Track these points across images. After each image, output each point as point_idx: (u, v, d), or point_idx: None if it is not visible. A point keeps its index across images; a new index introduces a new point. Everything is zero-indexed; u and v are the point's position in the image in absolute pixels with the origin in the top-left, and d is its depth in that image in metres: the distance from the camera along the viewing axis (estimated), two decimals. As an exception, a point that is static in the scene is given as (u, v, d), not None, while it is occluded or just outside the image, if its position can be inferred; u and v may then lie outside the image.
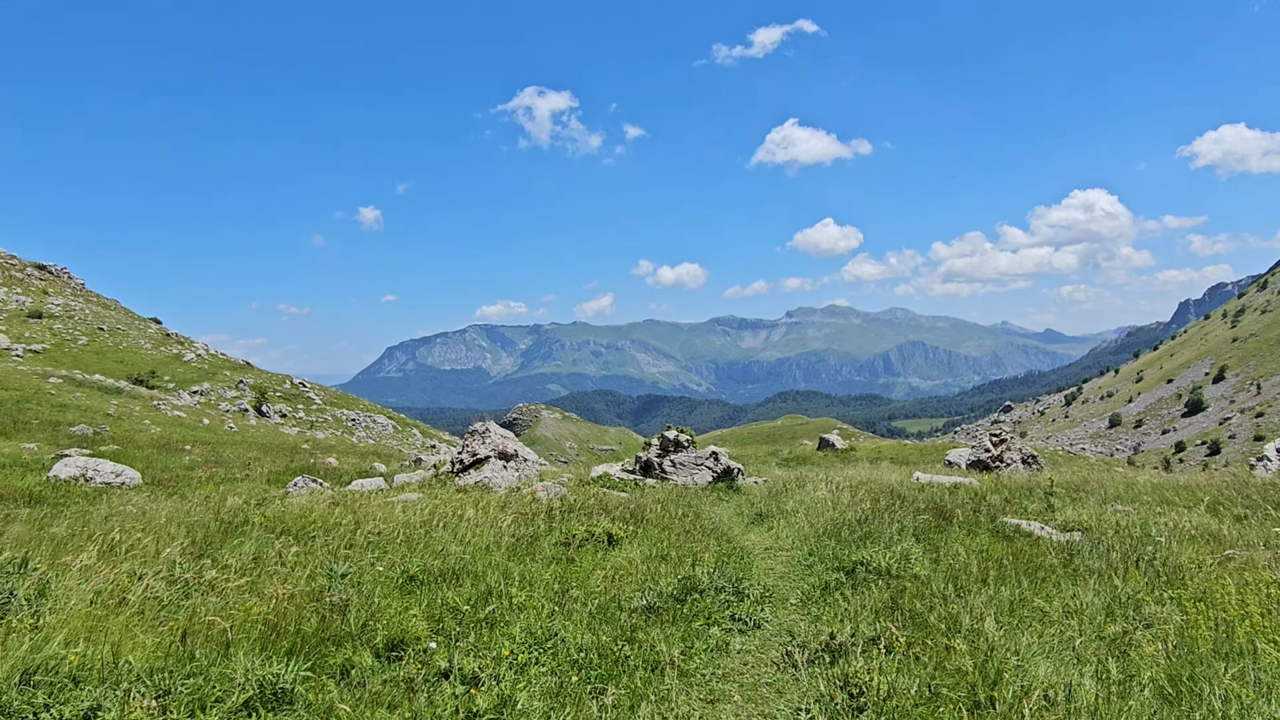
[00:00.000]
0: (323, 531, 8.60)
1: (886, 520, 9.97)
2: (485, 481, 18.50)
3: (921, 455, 41.04)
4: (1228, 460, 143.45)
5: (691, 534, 9.97)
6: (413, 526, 9.21)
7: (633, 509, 11.10)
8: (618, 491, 17.38)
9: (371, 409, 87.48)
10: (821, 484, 14.96)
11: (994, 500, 11.22)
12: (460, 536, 8.90)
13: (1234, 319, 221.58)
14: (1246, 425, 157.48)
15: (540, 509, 11.77)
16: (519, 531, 9.42)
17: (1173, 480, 14.43)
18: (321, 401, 79.71)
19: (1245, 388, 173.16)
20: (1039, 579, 7.28)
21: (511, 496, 16.17)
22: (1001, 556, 7.94)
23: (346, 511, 10.77)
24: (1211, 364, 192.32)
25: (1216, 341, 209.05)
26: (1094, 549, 8.12)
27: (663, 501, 13.39)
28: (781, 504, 12.66)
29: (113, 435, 30.04)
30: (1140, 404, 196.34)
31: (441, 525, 9.49)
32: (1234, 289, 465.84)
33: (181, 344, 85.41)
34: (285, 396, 76.33)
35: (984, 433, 24.39)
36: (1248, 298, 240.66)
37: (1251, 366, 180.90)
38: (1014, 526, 9.21)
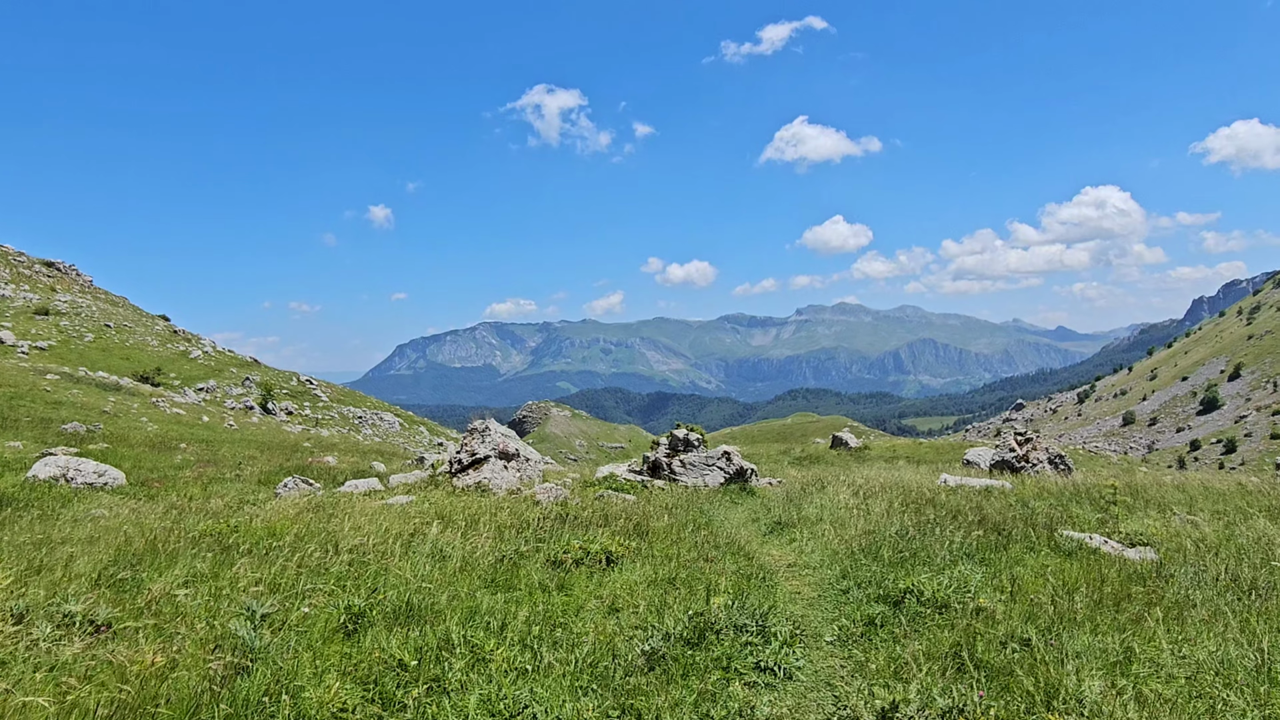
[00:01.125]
0: (283, 545, 7.51)
1: (931, 533, 8.83)
2: (484, 483, 17.50)
3: (938, 454, 39.87)
4: (1244, 459, 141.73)
5: (703, 549, 8.81)
6: (389, 539, 8.07)
7: (636, 521, 9.88)
8: (623, 494, 16.37)
9: (378, 406, 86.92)
10: (843, 487, 13.85)
11: (1039, 508, 10.12)
12: (440, 552, 7.79)
13: (1250, 316, 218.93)
14: (1263, 423, 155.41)
15: (537, 515, 10.77)
16: (503, 549, 8.23)
17: (1225, 482, 13.27)
18: (328, 399, 79.14)
19: (1261, 385, 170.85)
20: (1136, 616, 6.03)
21: (509, 499, 15.17)
22: (1076, 582, 6.78)
23: (324, 517, 9.81)
24: (1227, 361, 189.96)
25: (1232, 339, 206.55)
26: (1192, 575, 6.92)
27: (671, 507, 12.31)
28: (802, 510, 11.55)
29: (105, 433, 29.20)
30: (1154, 402, 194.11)
31: (421, 538, 8.35)
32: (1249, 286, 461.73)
33: (189, 341, 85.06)
34: (292, 394, 75.79)
35: (1009, 432, 23.25)
36: (1264, 294, 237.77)
37: (1268, 364, 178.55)
38: (1076, 541, 8.09)
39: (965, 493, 12.01)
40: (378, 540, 7.88)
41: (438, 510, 10.66)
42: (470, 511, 10.65)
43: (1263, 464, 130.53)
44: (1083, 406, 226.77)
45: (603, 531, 9.07)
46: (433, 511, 10.49)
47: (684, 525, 10.18)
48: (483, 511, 10.73)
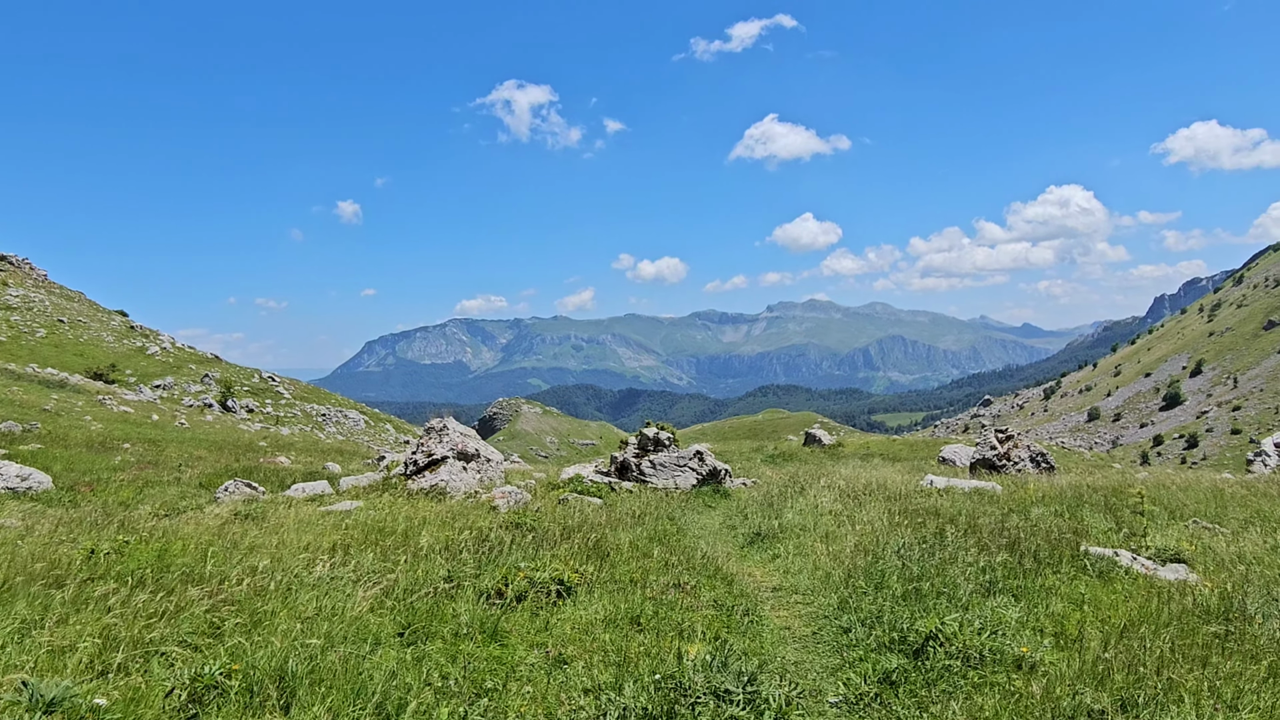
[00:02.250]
0: (172, 573, 6.29)
1: (939, 551, 7.68)
2: (441, 485, 16.38)
3: (913, 451, 39.28)
4: (1205, 454, 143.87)
5: (675, 571, 7.59)
6: (302, 563, 6.84)
7: (597, 538, 8.61)
8: (589, 498, 15.35)
9: (344, 404, 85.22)
10: (823, 489, 12.89)
11: (1044, 516, 9.20)
12: (358, 579, 6.57)
13: (1210, 313, 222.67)
14: (1224, 418, 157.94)
15: (491, 524, 9.70)
16: (435, 575, 6.86)
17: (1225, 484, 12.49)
18: (291, 396, 77.36)
19: (1222, 381, 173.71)
20: (1231, 674, 4.77)
21: (465, 505, 14.07)
22: (1131, 621, 5.61)
23: (245, 530, 8.67)
24: (1189, 358, 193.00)
25: (1193, 336, 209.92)
26: (1265, 607, 5.74)
27: (639, 514, 11.25)
28: (782, 516, 10.56)
29: (42, 433, 27.66)
30: (1118, 398, 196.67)
31: (343, 561, 7.11)
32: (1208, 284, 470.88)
33: (146, 337, 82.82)
34: (253, 391, 73.95)
35: (979, 428, 22.54)
36: (1224, 292, 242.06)
37: (1228, 360, 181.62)
38: (1106, 560, 7.06)
39: (956, 497, 11.11)
40: (288, 565, 6.70)
41: (378, 521, 9.52)
42: (415, 521, 9.52)
43: (1223, 458, 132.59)
44: (1049, 402, 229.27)
45: (562, 547, 7.94)
46: (372, 522, 9.36)
47: (653, 538, 9.09)
48: (429, 521, 9.61)
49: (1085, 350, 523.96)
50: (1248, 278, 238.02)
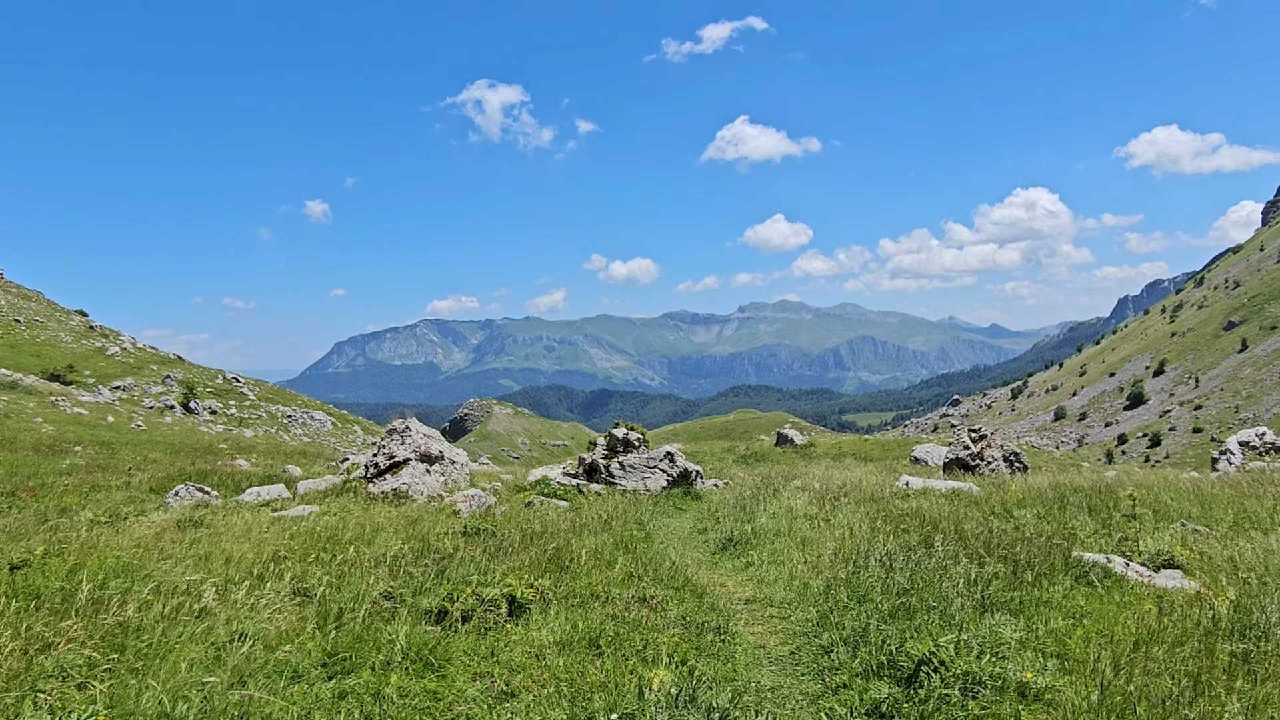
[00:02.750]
0: (80, 592, 5.64)
1: (925, 561, 7.09)
2: (403, 489, 15.80)
3: (885, 451, 39.15)
4: (1168, 453, 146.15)
5: (640, 583, 6.99)
6: (237, 579, 6.21)
7: (557, 546, 8.07)
8: (556, 500, 14.85)
9: (310, 405, 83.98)
10: (797, 491, 12.47)
11: (1026, 519, 8.86)
12: (297, 597, 5.99)
13: (1173, 314, 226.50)
14: (1186, 418, 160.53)
15: (450, 531, 9.18)
16: (368, 593, 6.17)
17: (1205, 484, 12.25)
18: (255, 397, 76.05)
19: (1184, 381, 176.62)
20: (1255, 699, 4.29)
21: (426, 509, 13.52)
22: (1140, 639, 5.10)
23: (189, 537, 8.08)
24: (1151, 358, 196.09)
25: (1156, 336, 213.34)
26: None
27: (606, 519, 10.76)
28: (755, 520, 10.12)
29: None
30: (1084, 397, 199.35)
31: (279, 575, 6.49)
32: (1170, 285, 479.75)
33: (106, 337, 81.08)
34: (216, 392, 72.58)
35: (948, 428, 22.32)
36: (1185, 293, 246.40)
37: (1190, 360, 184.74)
38: (1100, 569, 6.63)
39: (935, 499, 10.75)
40: (216, 580, 6.10)
41: (328, 529, 8.95)
42: (367, 529, 8.95)
43: (1185, 457, 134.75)
44: (1016, 402, 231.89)
45: (521, 557, 7.39)
46: (322, 530, 8.78)
47: (619, 545, 8.58)
48: (383, 528, 9.05)
49: (1051, 350, 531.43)
50: (1208, 279, 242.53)
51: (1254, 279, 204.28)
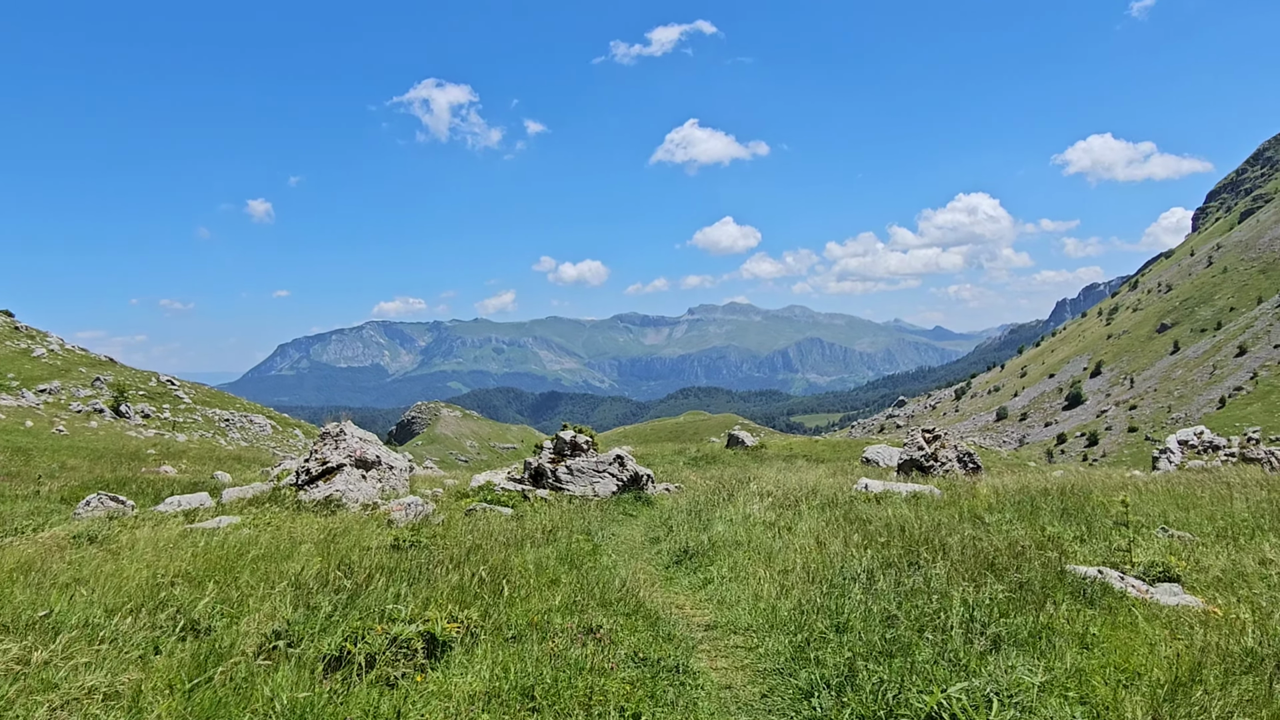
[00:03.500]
0: None
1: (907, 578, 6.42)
2: (336, 496, 14.85)
3: (835, 452, 39.01)
4: (1105, 451, 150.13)
5: (585, 609, 6.19)
6: (111, 612, 5.25)
7: (492, 565, 7.16)
8: (500, 507, 14.06)
9: (249, 408, 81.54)
10: (753, 495, 11.85)
11: (999, 525, 8.34)
12: (171, 639, 5.08)
13: (1109, 317, 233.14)
14: (1121, 417, 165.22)
15: (379, 544, 8.36)
16: (256, 631, 5.20)
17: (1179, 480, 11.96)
18: (191, 400, 73.48)
19: (1120, 382, 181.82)
20: None
21: (358, 518, 12.63)
22: (1177, 680, 4.31)
23: (84, 555, 7.14)
24: (1089, 359, 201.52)
25: (1093, 338, 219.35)
26: None
27: (550, 529, 10.00)
28: (711, 528, 9.47)
29: (-111, 443, 24.75)
30: (1025, 398, 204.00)
31: (166, 605, 5.54)
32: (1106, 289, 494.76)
33: (32, 338, 77.64)
34: (150, 395, 69.92)
35: (917, 430, 22.01)
36: (1120, 297, 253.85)
37: (1125, 361, 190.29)
38: (1096, 583, 6.07)
39: (898, 503, 10.23)
40: (89, 614, 5.16)
41: (243, 543, 8.05)
42: (285, 544, 8.07)
43: (1121, 455, 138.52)
44: (960, 403, 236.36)
45: (453, 577, 6.55)
46: (236, 545, 7.88)
47: (563, 559, 7.84)
48: (305, 542, 8.19)
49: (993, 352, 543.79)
50: (1142, 283, 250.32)
51: (1185, 283, 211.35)
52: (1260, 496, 9.12)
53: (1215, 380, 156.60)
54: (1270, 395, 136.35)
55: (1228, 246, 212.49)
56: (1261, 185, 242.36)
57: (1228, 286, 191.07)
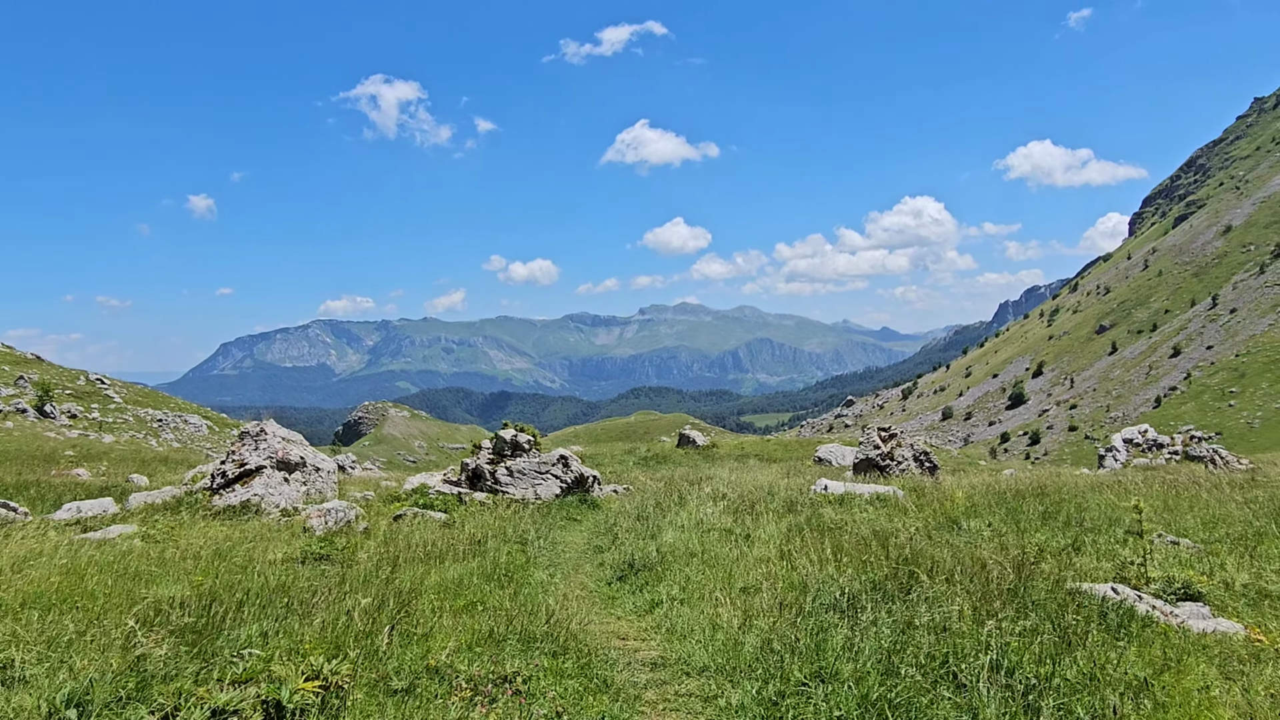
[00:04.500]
0: None
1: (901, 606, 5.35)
2: (254, 501, 13.63)
3: (787, 452, 38.48)
4: (1046, 450, 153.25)
5: (503, 643, 5.07)
6: None
7: (397, 593, 5.86)
8: (433, 512, 13.00)
9: (184, 408, 78.66)
10: (706, 498, 10.96)
11: (981, 531, 7.55)
12: None
13: (1050, 318, 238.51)
14: (1062, 417, 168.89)
15: (288, 555, 7.28)
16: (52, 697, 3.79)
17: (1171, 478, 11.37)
18: (122, 400, 70.53)
19: (1060, 382, 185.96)
20: None
21: (272, 526, 11.48)
22: None
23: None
24: (1031, 360, 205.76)
25: (1035, 339, 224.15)
26: None
27: (481, 537, 9.00)
28: (661, 536, 8.54)
29: None
30: (969, 397, 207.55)
31: None
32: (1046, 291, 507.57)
33: (-52, 336, 73.77)
34: (77, 395, 66.87)
35: (872, 428, 21.41)
36: (1061, 299, 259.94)
37: (1065, 362, 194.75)
38: (1117, 606, 5.14)
39: (861, 506, 9.44)
40: None
41: (126, 558, 6.91)
42: (171, 558, 6.95)
43: (1063, 454, 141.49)
44: (906, 402, 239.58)
45: (346, 604, 5.50)
46: (114, 561, 6.74)
47: (489, 576, 6.81)
48: (193, 556, 7.08)
49: (938, 353, 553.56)
50: (1081, 285, 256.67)
51: (1122, 286, 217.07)
52: (1250, 495, 8.52)
53: (1151, 380, 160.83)
54: (1203, 395, 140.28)
55: (1162, 251, 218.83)
56: (1194, 191, 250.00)
57: (1163, 289, 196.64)
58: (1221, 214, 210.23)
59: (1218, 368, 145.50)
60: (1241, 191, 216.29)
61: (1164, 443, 35.53)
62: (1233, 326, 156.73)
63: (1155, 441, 35.53)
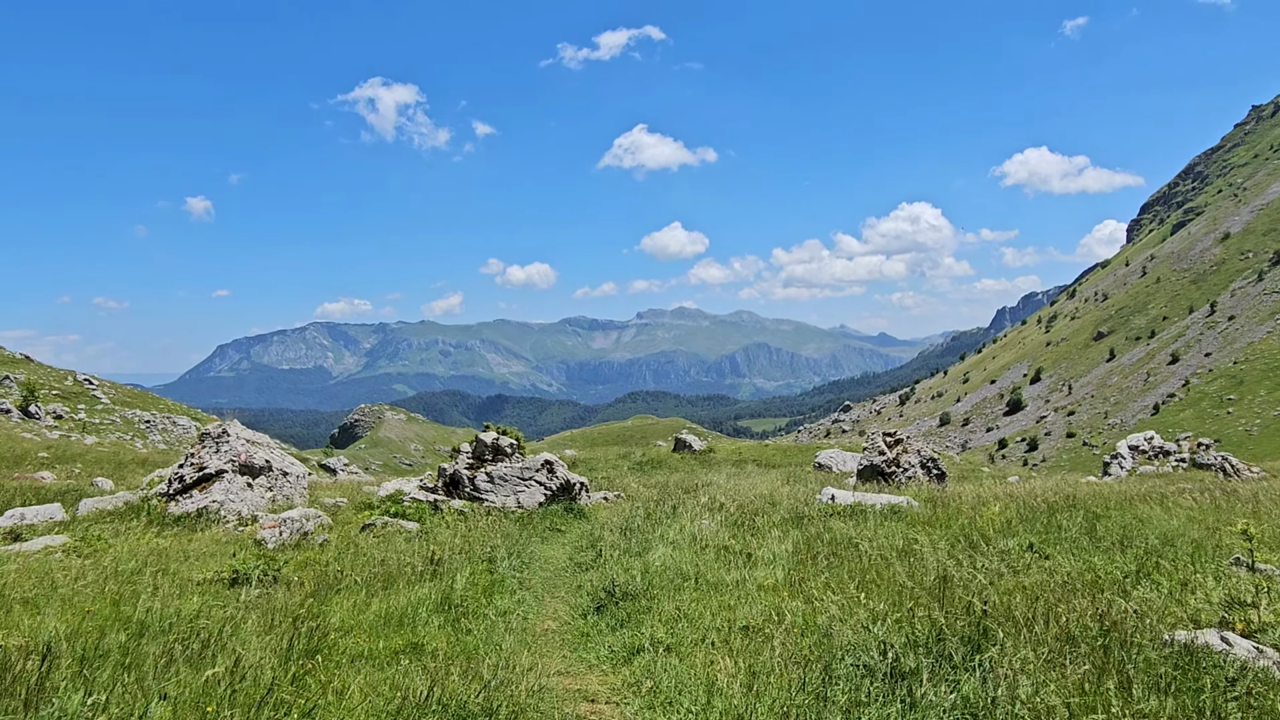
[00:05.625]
0: None
1: (994, 687, 3.96)
2: (213, 508, 12.58)
3: (786, 457, 37.48)
4: (1045, 456, 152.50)
5: (428, 708, 3.85)
6: None
7: (321, 632, 4.70)
8: (405, 522, 11.96)
9: (174, 409, 77.59)
10: (702, 509, 9.90)
11: (1016, 551, 6.48)
12: None
13: (1048, 325, 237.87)
14: (1060, 423, 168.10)
15: (220, 574, 6.24)
16: None
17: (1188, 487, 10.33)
18: (110, 401, 69.42)
19: (1058, 388, 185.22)
20: None
21: (222, 537, 10.45)
22: None
23: None
24: (1029, 366, 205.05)
25: (1033, 345, 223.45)
26: None
27: (441, 555, 7.94)
28: (649, 553, 7.49)
29: None
30: (967, 403, 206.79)
31: None
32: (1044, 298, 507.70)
33: (-67, 334, 72.58)
34: (64, 395, 65.79)
35: (877, 433, 20.39)
36: (1059, 305, 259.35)
37: (1063, 368, 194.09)
38: (1253, 670, 3.96)
39: (876, 519, 8.40)
40: None
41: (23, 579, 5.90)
42: (76, 578, 5.91)
43: (1060, 460, 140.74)
44: (904, 408, 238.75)
45: (255, 645, 4.47)
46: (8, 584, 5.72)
47: (439, 607, 5.70)
48: (97, 579, 6.04)
49: (936, 359, 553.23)
50: (1079, 292, 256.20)
51: (1120, 292, 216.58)
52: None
53: (1150, 387, 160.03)
54: (1201, 402, 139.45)
55: (1160, 257, 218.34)
56: (1192, 199, 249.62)
57: (1161, 296, 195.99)
58: (1220, 221, 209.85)
59: (1216, 375, 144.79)
60: (1240, 199, 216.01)
61: (1170, 450, 34.61)
62: (1231, 334, 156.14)
63: (1161, 449, 34.59)
